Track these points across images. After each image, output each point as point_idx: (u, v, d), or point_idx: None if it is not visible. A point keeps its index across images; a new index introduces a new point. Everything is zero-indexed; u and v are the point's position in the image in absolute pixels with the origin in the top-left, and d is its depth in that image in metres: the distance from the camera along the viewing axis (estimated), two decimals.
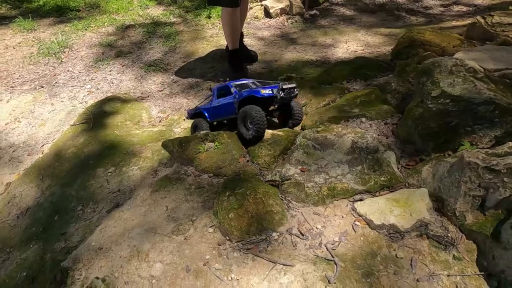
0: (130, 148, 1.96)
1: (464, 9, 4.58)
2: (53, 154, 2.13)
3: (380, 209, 1.01)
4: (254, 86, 1.65)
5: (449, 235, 0.94)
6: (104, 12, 4.22)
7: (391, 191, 1.09)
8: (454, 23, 3.86)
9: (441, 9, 4.69)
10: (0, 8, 4.41)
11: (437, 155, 1.14)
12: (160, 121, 2.42)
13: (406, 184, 1.11)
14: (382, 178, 1.12)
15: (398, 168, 1.18)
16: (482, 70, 1.48)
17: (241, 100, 1.51)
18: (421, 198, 1.01)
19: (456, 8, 4.67)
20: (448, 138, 1.16)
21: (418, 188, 1.07)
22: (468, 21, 3.74)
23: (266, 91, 1.44)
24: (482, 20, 2.46)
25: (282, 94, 1.44)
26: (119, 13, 4.19)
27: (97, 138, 2.12)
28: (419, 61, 2.08)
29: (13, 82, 3.03)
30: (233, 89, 1.62)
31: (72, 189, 1.81)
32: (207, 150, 1.44)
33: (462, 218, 0.95)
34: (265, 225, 1.03)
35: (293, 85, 1.52)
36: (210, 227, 1.09)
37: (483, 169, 0.91)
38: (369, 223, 1.01)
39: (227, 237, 1.05)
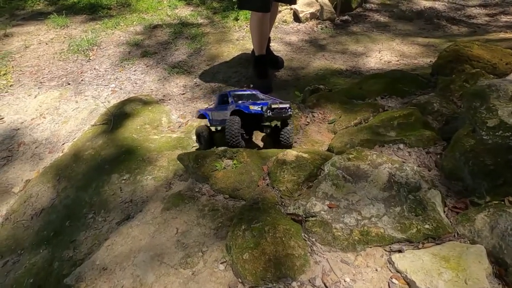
0: (146, 154, 1.90)
1: None
2: (72, 155, 2.11)
3: (425, 268, 0.84)
4: (251, 99, 1.65)
5: None
6: (134, 11, 4.26)
7: (437, 243, 0.92)
8: (502, 35, 3.51)
9: (487, 18, 4.31)
10: (38, 4, 4.59)
11: (496, 202, 0.96)
12: (179, 126, 2.36)
13: (455, 234, 0.94)
14: (426, 226, 0.95)
15: (444, 212, 1.01)
16: None
17: (232, 112, 1.53)
18: (477, 259, 0.83)
19: (504, 18, 4.28)
20: (508, 179, 0.98)
21: (471, 242, 0.89)
22: None
23: (255, 108, 1.47)
24: None
25: (269, 114, 1.44)
26: (148, 12, 4.21)
27: (115, 142, 2.08)
28: (466, 79, 1.86)
29: (42, 78, 3.10)
30: (230, 99, 1.65)
31: (86, 193, 1.78)
32: (224, 168, 1.33)
33: None
34: (283, 271, 0.90)
35: (286, 106, 1.45)
36: (222, 263, 0.98)
37: None
38: (410, 283, 0.85)
39: (240, 280, 0.93)
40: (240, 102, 1.60)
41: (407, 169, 1.10)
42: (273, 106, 1.43)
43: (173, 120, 2.43)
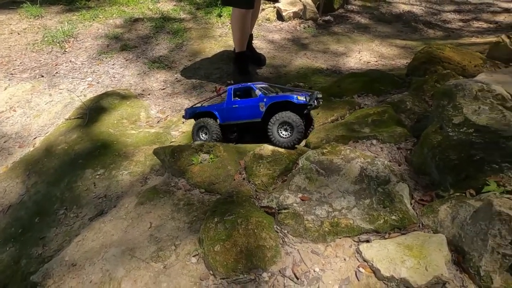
0: (122, 149, 1.86)
1: (485, 25, 4.41)
2: (44, 149, 2.03)
3: (389, 256, 0.88)
4: (273, 91, 1.65)
5: None
6: (114, 3, 4.14)
7: (402, 234, 0.95)
8: (473, 39, 3.69)
9: (460, 24, 4.52)
10: None
11: (458, 194, 1.01)
12: (158, 121, 2.31)
13: (420, 225, 0.98)
14: (393, 217, 0.99)
15: (411, 204, 1.05)
16: (510, 96, 1.34)
17: (270, 104, 1.48)
18: (438, 247, 0.87)
19: (476, 24, 4.50)
20: (470, 173, 1.03)
21: (434, 231, 0.94)
22: (489, 38, 3.57)
23: (301, 98, 1.44)
24: (507, 40, 2.30)
25: (315, 103, 1.47)
26: (128, 5, 4.10)
27: (90, 136, 2.02)
28: (437, 79, 1.94)
29: (13, 69, 2.95)
30: (257, 92, 1.57)
31: (58, 189, 1.71)
32: (200, 162, 1.32)
33: (487, 279, 0.82)
34: (255, 262, 0.91)
35: (320, 95, 1.58)
36: (194, 256, 0.98)
37: None
38: (375, 271, 0.88)
39: (211, 272, 0.93)
40: (271, 94, 1.58)
41: (378, 163, 1.14)
42: (318, 96, 1.49)
43: (152, 115, 2.38)
